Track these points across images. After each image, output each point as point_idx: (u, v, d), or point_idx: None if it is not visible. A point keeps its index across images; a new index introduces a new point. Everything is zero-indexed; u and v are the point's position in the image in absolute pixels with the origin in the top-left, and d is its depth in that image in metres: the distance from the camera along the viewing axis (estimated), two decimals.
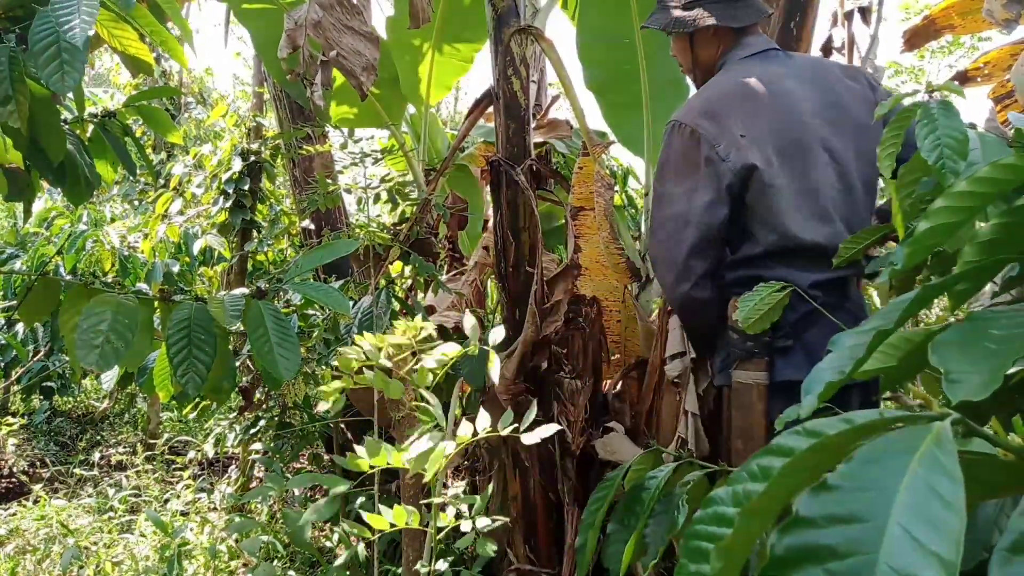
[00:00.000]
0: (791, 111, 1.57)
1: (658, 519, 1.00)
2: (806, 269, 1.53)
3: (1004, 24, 1.97)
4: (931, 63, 9.97)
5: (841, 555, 0.37)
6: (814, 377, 0.74)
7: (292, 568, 2.83)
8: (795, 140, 1.55)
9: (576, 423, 2.32)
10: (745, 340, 1.51)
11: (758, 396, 1.51)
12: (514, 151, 2.26)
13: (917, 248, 0.75)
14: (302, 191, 3.69)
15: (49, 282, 1.71)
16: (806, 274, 1.53)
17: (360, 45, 2.33)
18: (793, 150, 1.55)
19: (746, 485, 0.52)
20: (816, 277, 1.51)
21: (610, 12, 3.08)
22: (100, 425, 5.28)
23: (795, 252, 1.54)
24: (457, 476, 3.13)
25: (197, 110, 6.99)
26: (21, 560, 2.88)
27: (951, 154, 0.90)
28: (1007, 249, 0.68)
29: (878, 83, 1.73)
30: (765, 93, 1.58)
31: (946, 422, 0.43)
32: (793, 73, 1.62)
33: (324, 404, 1.55)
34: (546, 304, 2.33)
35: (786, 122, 1.56)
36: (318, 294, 1.62)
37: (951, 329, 0.63)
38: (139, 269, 3.67)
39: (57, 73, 1.25)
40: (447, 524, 1.58)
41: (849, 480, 0.41)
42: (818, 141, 1.56)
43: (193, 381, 1.44)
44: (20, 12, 1.61)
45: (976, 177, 0.70)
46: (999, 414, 0.77)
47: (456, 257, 3.52)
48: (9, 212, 6.12)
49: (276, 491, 2.05)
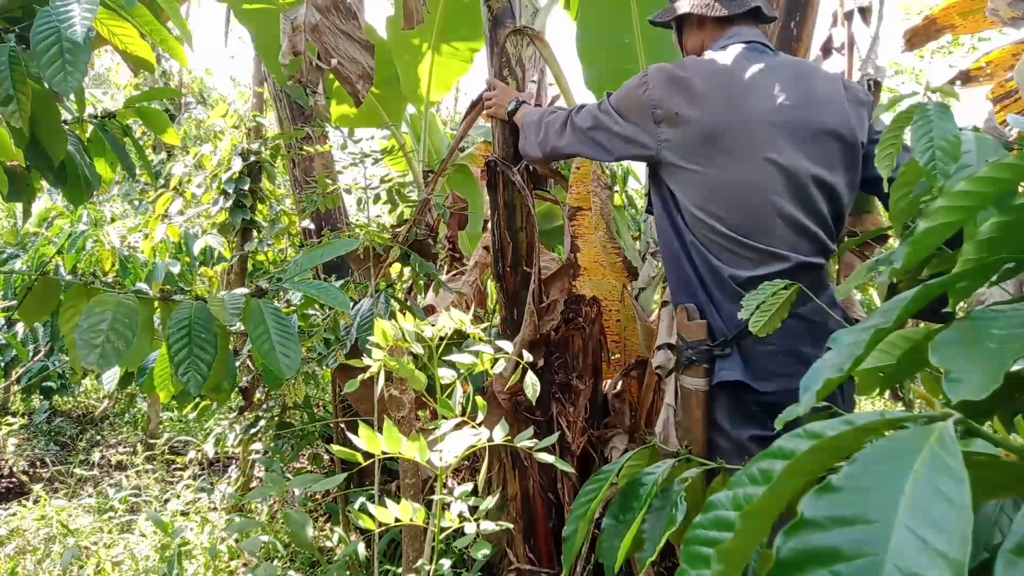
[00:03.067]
0: (741, 103, 1.56)
1: (656, 515, 1.00)
2: (735, 265, 1.53)
3: (1010, 22, 1.96)
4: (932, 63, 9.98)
5: (847, 557, 0.37)
6: (813, 375, 0.74)
7: (292, 568, 2.83)
8: (734, 134, 1.54)
9: (576, 423, 2.32)
10: (687, 348, 1.56)
11: (696, 402, 1.57)
12: (511, 151, 2.27)
13: (917, 248, 0.75)
14: (302, 191, 3.69)
15: (49, 282, 1.71)
16: (737, 270, 1.53)
17: (356, 52, 2.33)
18: (730, 143, 1.54)
19: (746, 488, 0.52)
20: (751, 273, 1.51)
21: (610, 12, 3.08)
22: (100, 425, 5.28)
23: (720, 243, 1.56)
24: (456, 476, 3.13)
25: (197, 110, 6.99)
26: (21, 560, 2.88)
27: (943, 156, 0.90)
28: (1008, 247, 0.68)
29: (868, 95, 1.73)
30: (726, 81, 1.58)
31: (948, 422, 0.43)
32: (767, 69, 1.60)
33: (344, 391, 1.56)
34: (543, 303, 2.33)
35: (730, 113, 1.55)
36: (318, 292, 1.62)
37: (951, 328, 0.63)
38: (139, 269, 3.66)
39: (60, 74, 1.25)
40: (451, 524, 1.58)
41: (853, 481, 0.41)
42: (765, 140, 1.54)
43: (194, 380, 1.44)
44: (19, 13, 1.61)
45: (976, 177, 0.70)
46: (1000, 414, 0.77)
47: (456, 257, 3.52)
48: (9, 212, 6.12)
49: (276, 491, 2.05)
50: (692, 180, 1.58)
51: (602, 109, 1.74)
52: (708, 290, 1.58)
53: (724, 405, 1.56)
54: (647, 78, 1.64)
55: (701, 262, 1.59)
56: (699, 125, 1.56)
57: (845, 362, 0.70)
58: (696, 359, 1.55)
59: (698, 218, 1.57)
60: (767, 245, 1.52)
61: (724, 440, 1.55)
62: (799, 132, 1.55)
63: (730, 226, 1.53)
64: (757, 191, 1.52)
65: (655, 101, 1.60)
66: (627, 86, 1.70)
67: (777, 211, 1.52)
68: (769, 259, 1.51)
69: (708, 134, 1.55)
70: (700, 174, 1.56)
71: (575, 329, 2.37)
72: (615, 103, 1.72)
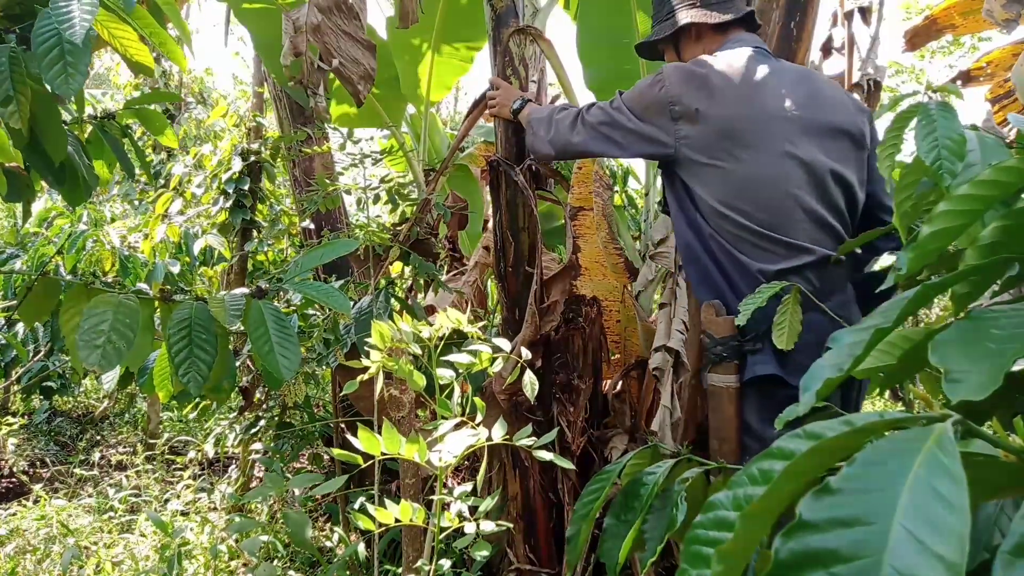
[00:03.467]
0: (757, 99, 1.58)
1: (656, 515, 1.00)
2: (762, 259, 1.54)
3: (1004, 24, 1.97)
4: (932, 63, 9.98)
5: (845, 558, 0.37)
6: (813, 374, 0.74)
7: (292, 568, 2.83)
8: (754, 129, 1.56)
9: (576, 423, 2.32)
10: (715, 345, 1.54)
11: (728, 399, 1.54)
12: (513, 151, 2.27)
13: (921, 252, 0.75)
14: (302, 191, 3.69)
15: (49, 282, 1.71)
16: (765, 264, 1.54)
17: (358, 53, 2.33)
18: (750, 138, 1.56)
19: (746, 489, 0.52)
20: (780, 266, 1.52)
21: (610, 12, 3.08)
22: (100, 425, 5.28)
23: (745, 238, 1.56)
24: (456, 476, 3.13)
25: (197, 110, 6.99)
26: (21, 560, 2.88)
27: (949, 155, 0.90)
28: (1009, 251, 0.68)
29: (867, 108, 1.76)
30: (740, 78, 1.60)
31: (947, 423, 0.43)
32: (775, 70, 1.63)
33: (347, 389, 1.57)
34: (544, 304, 2.33)
35: (748, 107, 1.57)
36: (318, 293, 1.62)
37: (951, 328, 0.62)
38: (139, 269, 3.66)
39: (61, 76, 1.24)
40: (451, 524, 1.58)
41: (851, 483, 0.41)
42: (782, 134, 1.56)
43: (194, 380, 1.44)
44: (19, 10, 1.61)
45: (978, 180, 0.70)
46: (999, 414, 0.77)
47: (456, 257, 3.52)
48: (9, 212, 6.12)
49: (276, 491, 2.05)
50: (712, 176, 1.59)
51: (614, 107, 1.74)
52: (734, 285, 1.58)
53: (754, 403, 1.54)
54: (662, 76, 1.64)
55: (725, 257, 1.58)
56: (718, 120, 1.57)
57: (845, 362, 0.70)
58: (727, 355, 1.53)
59: (721, 213, 1.58)
60: (792, 238, 1.53)
61: (752, 440, 1.53)
62: (812, 127, 1.57)
63: (755, 220, 1.54)
64: (779, 185, 1.54)
65: (672, 97, 1.60)
66: (640, 86, 1.70)
67: (800, 205, 1.54)
68: (796, 252, 1.53)
69: (727, 129, 1.57)
70: (721, 169, 1.58)
71: (575, 329, 2.37)
72: (628, 102, 1.71)
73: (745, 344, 1.53)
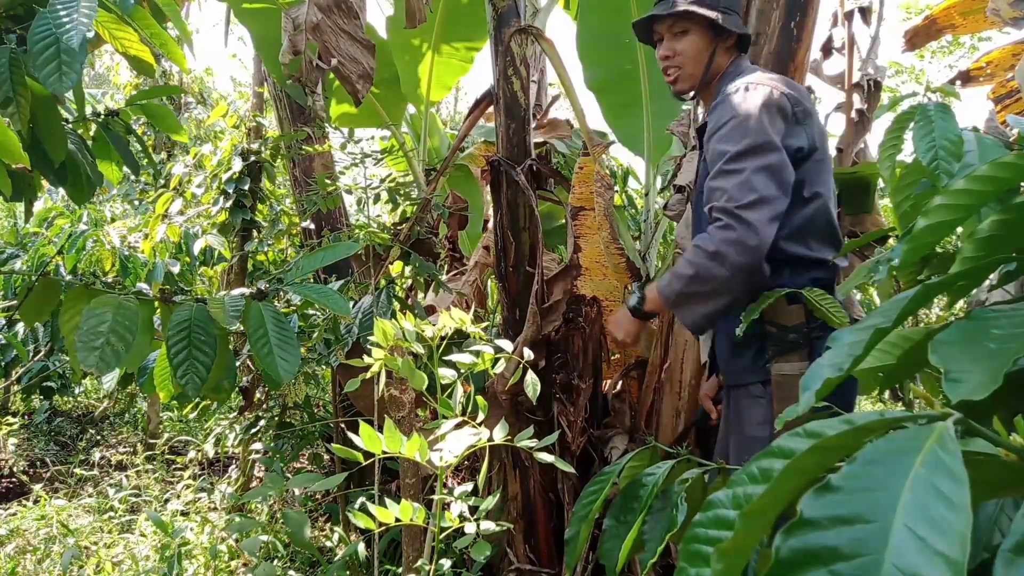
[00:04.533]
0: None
1: (656, 516, 1.00)
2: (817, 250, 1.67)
3: (1011, 22, 1.97)
4: (932, 63, 9.98)
5: (846, 556, 0.37)
6: (812, 374, 0.74)
7: (292, 568, 2.83)
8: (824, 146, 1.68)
9: (576, 423, 2.32)
10: (787, 332, 1.58)
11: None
12: (514, 151, 2.27)
13: (916, 245, 0.75)
14: (302, 191, 3.69)
15: (49, 282, 1.71)
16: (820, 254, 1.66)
17: (357, 52, 2.33)
18: (822, 155, 1.67)
19: (746, 487, 0.52)
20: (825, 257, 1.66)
21: (610, 12, 3.08)
22: (100, 425, 5.28)
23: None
24: (456, 476, 3.13)
25: (197, 110, 6.99)
26: (21, 560, 2.88)
27: (946, 156, 0.90)
28: (1006, 246, 0.68)
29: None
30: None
31: (948, 422, 0.43)
32: None
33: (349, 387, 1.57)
34: (546, 304, 2.33)
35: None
36: (318, 296, 1.62)
37: (951, 328, 0.63)
38: (139, 269, 3.66)
39: (55, 74, 1.25)
40: (451, 524, 1.58)
41: (852, 481, 0.41)
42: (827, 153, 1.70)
43: (193, 382, 1.44)
44: (20, 11, 1.61)
45: (975, 175, 0.70)
46: (1000, 414, 0.77)
47: (456, 257, 3.52)
48: (9, 212, 6.12)
49: (276, 491, 2.05)
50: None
51: (738, 167, 1.52)
52: (782, 279, 1.60)
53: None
54: (762, 90, 1.58)
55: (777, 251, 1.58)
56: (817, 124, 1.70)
57: (845, 361, 0.70)
58: (801, 342, 1.57)
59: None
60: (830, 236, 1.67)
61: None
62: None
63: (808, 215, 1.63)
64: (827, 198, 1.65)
65: (794, 100, 1.61)
66: (745, 126, 1.53)
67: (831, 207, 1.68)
68: (836, 248, 1.67)
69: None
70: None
71: (575, 329, 2.37)
72: (748, 148, 1.52)
73: (813, 331, 1.57)
